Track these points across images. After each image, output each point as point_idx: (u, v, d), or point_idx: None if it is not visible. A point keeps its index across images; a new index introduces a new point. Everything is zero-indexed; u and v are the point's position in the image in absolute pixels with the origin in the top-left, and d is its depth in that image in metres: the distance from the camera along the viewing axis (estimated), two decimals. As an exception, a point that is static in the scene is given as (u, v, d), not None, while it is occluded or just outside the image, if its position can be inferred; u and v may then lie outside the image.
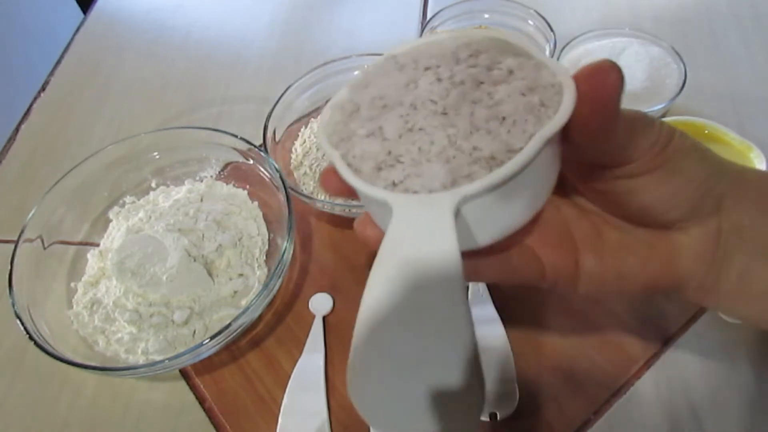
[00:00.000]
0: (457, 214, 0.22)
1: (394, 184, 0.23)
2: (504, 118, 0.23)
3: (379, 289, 0.21)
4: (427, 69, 0.25)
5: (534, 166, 0.22)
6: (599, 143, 0.23)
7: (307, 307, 0.45)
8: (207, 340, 0.38)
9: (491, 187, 0.21)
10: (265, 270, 0.46)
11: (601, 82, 0.21)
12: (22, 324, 0.40)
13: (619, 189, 0.25)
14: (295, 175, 0.50)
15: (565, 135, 0.23)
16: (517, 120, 0.22)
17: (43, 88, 0.65)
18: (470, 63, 0.25)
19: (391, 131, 0.24)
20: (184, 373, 0.43)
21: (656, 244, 0.26)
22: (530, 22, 0.58)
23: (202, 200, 0.49)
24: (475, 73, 0.24)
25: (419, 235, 0.21)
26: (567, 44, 0.55)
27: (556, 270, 0.27)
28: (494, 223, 0.24)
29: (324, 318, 0.44)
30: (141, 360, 0.41)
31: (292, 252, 0.43)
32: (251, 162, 0.49)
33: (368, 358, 0.21)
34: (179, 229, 0.45)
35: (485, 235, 0.24)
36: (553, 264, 0.27)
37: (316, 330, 0.43)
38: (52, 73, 0.66)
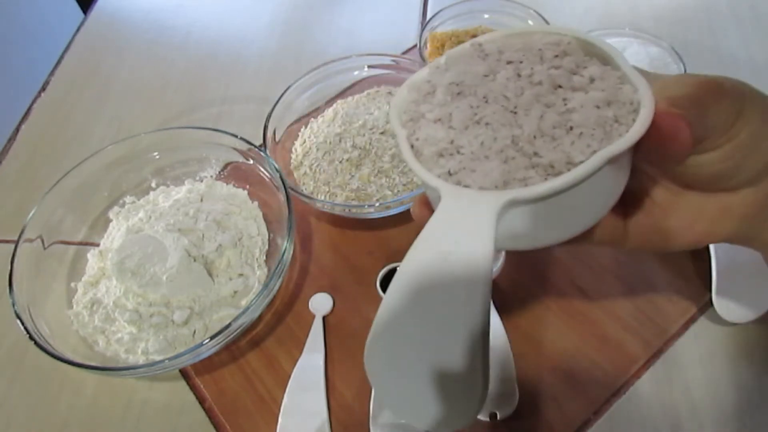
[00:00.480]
0: (502, 215, 0.22)
1: (449, 174, 0.23)
2: (572, 128, 0.22)
3: (409, 271, 0.22)
4: (509, 63, 0.25)
5: (591, 183, 0.21)
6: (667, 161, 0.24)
7: (307, 307, 0.45)
8: (207, 340, 0.38)
9: (539, 197, 0.21)
10: (265, 270, 0.46)
11: (674, 132, 0.21)
12: (23, 324, 0.40)
13: (682, 167, 0.24)
14: (295, 175, 0.50)
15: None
16: (584, 132, 0.22)
17: (43, 88, 0.65)
18: (554, 64, 0.24)
19: (458, 120, 0.24)
20: (184, 373, 0.43)
21: (705, 204, 0.26)
22: (530, 22, 0.58)
23: (202, 200, 0.49)
24: (555, 75, 0.24)
25: (459, 229, 0.21)
26: (567, 44, 0.55)
27: (604, 228, 0.27)
28: (538, 231, 0.23)
29: (324, 318, 0.44)
30: (141, 360, 0.41)
31: (292, 252, 0.43)
32: (251, 162, 0.49)
33: (387, 331, 0.22)
34: (179, 229, 0.45)
35: (527, 240, 0.24)
36: (602, 222, 0.26)
37: (316, 330, 0.43)
38: (52, 73, 0.66)
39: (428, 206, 0.26)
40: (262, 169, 0.48)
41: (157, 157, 0.51)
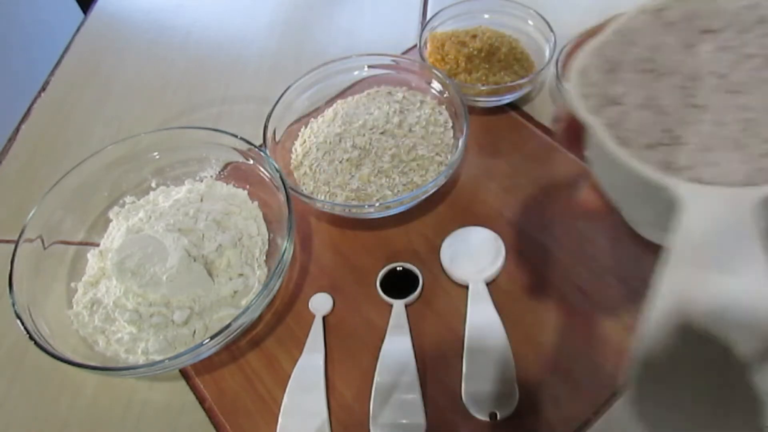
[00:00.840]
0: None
1: (667, 165, 0.20)
2: None
3: (667, 303, 0.18)
4: (704, 32, 0.21)
5: None
6: None
7: (307, 307, 0.45)
8: (207, 340, 0.38)
9: None
10: (265, 270, 0.46)
11: None
12: (23, 324, 0.40)
13: None
14: (295, 175, 0.50)
15: None
16: None
17: (43, 88, 0.65)
18: (761, 31, 0.21)
19: (669, 105, 0.20)
20: (184, 373, 0.43)
21: None
22: (530, 22, 0.58)
23: (202, 200, 0.49)
24: (767, 45, 0.21)
25: (721, 243, 0.18)
26: (567, 44, 0.55)
27: None
28: None
29: (324, 318, 0.44)
30: (141, 360, 0.41)
31: (292, 252, 0.43)
32: (251, 162, 0.49)
33: (647, 383, 0.18)
34: (179, 229, 0.45)
35: None
36: None
37: (316, 330, 0.43)
38: (52, 73, 0.66)
39: (600, 194, 0.23)
40: (262, 169, 0.48)
41: (157, 157, 0.51)
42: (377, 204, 0.44)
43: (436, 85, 0.52)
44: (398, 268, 0.45)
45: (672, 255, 0.18)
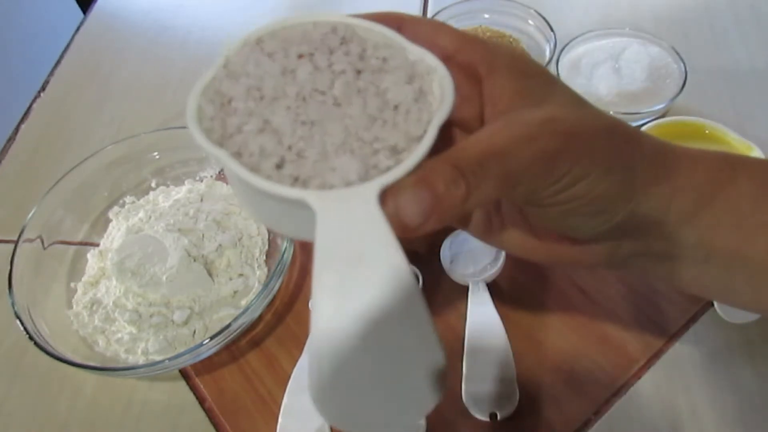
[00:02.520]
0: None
1: (297, 180, 0.21)
2: (396, 107, 0.23)
3: (326, 308, 0.20)
4: (300, 57, 0.24)
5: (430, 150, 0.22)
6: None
7: (307, 307, 0.45)
8: (207, 340, 0.38)
9: (406, 175, 0.21)
10: (265, 270, 0.46)
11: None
12: (22, 324, 0.40)
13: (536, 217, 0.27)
14: (295, 175, 0.50)
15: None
16: (410, 109, 0.23)
17: (43, 88, 0.65)
18: (343, 51, 0.24)
19: (283, 125, 0.22)
20: (184, 373, 0.43)
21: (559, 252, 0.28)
22: (530, 22, 0.58)
23: (202, 200, 0.49)
24: (352, 61, 0.24)
25: (358, 237, 0.20)
26: (567, 44, 0.55)
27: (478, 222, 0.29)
28: None
29: (324, 318, 0.44)
30: (141, 360, 0.41)
31: (292, 252, 0.43)
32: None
33: (332, 378, 0.20)
34: (179, 229, 0.45)
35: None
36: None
37: (316, 330, 0.43)
38: (52, 73, 0.66)
39: None
40: (262, 169, 0.48)
41: (157, 157, 0.51)
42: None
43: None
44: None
45: (317, 259, 0.20)
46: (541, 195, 0.24)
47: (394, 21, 0.26)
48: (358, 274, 0.20)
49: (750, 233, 0.25)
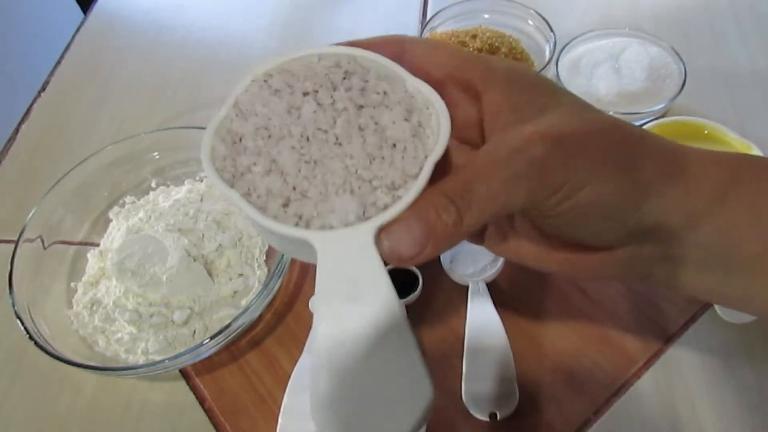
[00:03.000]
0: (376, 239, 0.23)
1: (300, 219, 0.23)
2: (395, 145, 0.24)
3: (328, 338, 0.22)
4: (305, 94, 0.25)
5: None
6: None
7: (307, 307, 0.45)
8: (207, 340, 0.38)
9: (402, 213, 0.23)
10: (265, 270, 0.46)
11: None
12: (22, 324, 0.40)
13: (549, 228, 0.26)
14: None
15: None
16: (407, 146, 0.24)
17: (43, 88, 0.65)
18: (345, 86, 0.25)
19: (288, 165, 0.24)
20: (184, 373, 0.43)
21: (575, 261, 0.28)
22: (530, 22, 0.58)
23: (202, 200, 0.49)
24: (353, 97, 0.25)
25: (354, 275, 0.22)
26: (567, 44, 0.55)
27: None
28: None
29: (324, 318, 0.44)
30: (141, 360, 0.41)
31: (292, 252, 0.43)
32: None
33: (329, 394, 0.22)
34: (179, 229, 0.45)
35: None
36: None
37: (316, 330, 0.43)
38: (52, 73, 0.66)
39: None
40: (262, 169, 0.48)
41: (157, 157, 0.51)
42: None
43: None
44: (398, 269, 0.45)
45: (318, 291, 0.22)
46: (545, 206, 0.23)
47: (396, 44, 0.27)
48: (352, 309, 0.22)
49: None
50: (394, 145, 0.24)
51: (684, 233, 0.25)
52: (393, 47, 0.26)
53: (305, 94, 0.25)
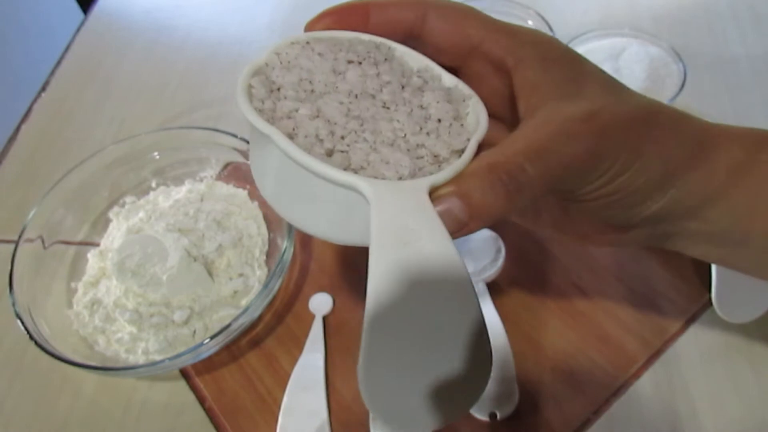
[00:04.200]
0: None
1: (349, 167, 0.22)
2: (440, 120, 0.24)
3: (383, 284, 0.20)
4: (350, 62, 0.24)
5: None
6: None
7: (307, 307, 0.45)
8: (207, 340, 0.39)
9: (453, 178, 0.22)
10: (265, 270, 0.46)
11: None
12: (23, 324, 0.40)
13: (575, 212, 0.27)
14: (295, 175, 0.50)
15: None
16: (452, 124, 0.24)
17: (43, 88, 0.65)
18: (387, 66, 0.25)
19: (335, 115, 0.22)
20: (184, 373, 0.43)
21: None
22: (530, 22, 0.58)
23: (202, 200, 0.49)
24: (396, 76, 0.25)
25: (411, 223, 0.21)
26: (567, 44, 0.55)
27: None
28: None
29: (324, 318, 0.44)
30: (141, 360, 0.41)
31: (292, 252, 0.43)
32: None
33: (379, 355, 0.20)
34: (179, 229, 0.45)
35: None
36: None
37: (316, 330, 0.43)
38: (52, 73, 0.66)
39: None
40: (262, 169, 0.48)
41: (157, 157, 0.51)
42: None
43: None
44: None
45: (374, 243, 0.21)
46: (583, 191, 0.24)
47: (418, 7, 0.25)
48: (411, 256, 0.20)
49: None
50: (440, 121, 0.24)
51: (700, 212, 0.25)
52: (415, 9, 0.25)
53: (350, 62, 0.24)
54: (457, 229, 0.22)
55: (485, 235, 0.45)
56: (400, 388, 0.20)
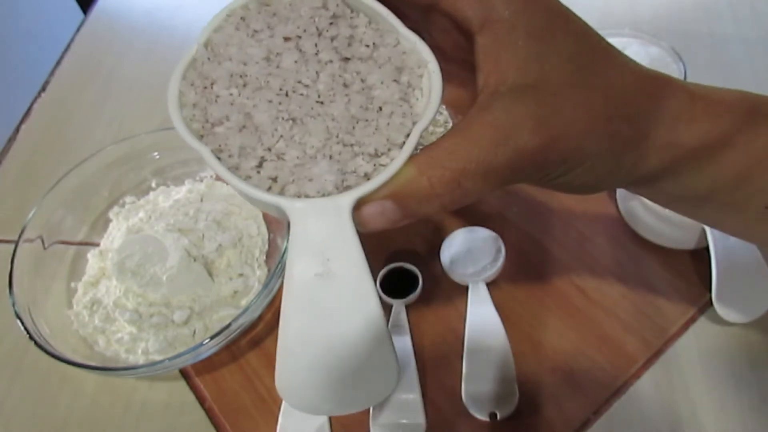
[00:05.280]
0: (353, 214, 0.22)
1: (275, 182, 0.21)
2: (381, 108, 0.22)
3: (293, 303, 0.21)
4: (287, 40, 0.23)
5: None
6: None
7: (307, 307, 0.44)
8: (207, 340, 0.38)
9: (382, 186, 0.21)
10: (265, 270, 0.46)
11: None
12: (23, 324, 0.40)
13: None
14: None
15: None
16: (394, 111, 0.22)
17: (43, 88, 0.65)
18: (332, 33, 0.23)
19: (264, 122, 0.22)
20: (184, 373, 0.43)
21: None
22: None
23: (202, 200, 0.49)
24: (339, 47, 0.23)
25: (324, 244, 0.21)
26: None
27: None
28: None
29: (324, 318, 0.44)
30: (141, 360, 0.41)
31: (292, 252, 0.43)
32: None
33: (289, 366, 0.22)
34: (179, 229, 0.45)
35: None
36: None
37: (316, 330, 0.43)
38: (52, 73, 0.66)
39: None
40: (262, 169, 0.48)
41: (157, 157, 0.51)
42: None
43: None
44: (398, 269, 0.45)
45: (288, 263, 0.21)
46: (538, 182, 0.23)
47: None
48: (320, 279, 0.21)
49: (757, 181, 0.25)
50: (381, 108, 0.22)
51: (679, 177, 0.25)
52: None
53: (286, 39, 0.23)
54: (392, 225, 0.22)
55: (485, 235, 0.45)
56: (308, 388, 0.22)
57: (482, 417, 0.38)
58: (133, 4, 0.74)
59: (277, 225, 0.48)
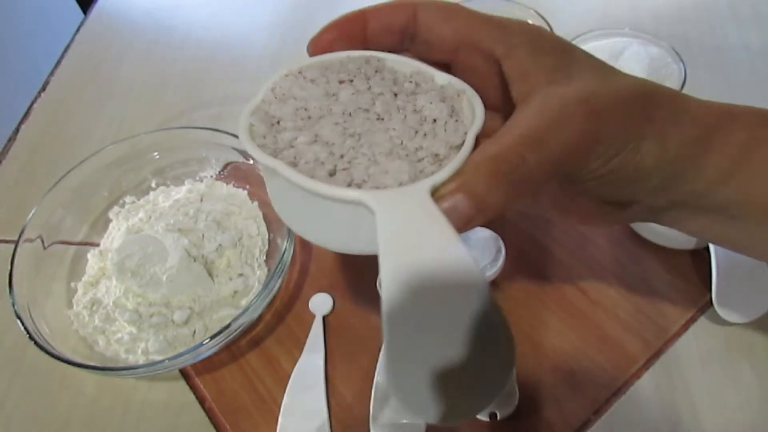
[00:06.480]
0: None
1: (351, 184, 0.22)
2: (435, 120, 0.24)
3: (395, 290, 0.20)
4: (341, 82, 0.26)
5: None
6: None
7: (307, 307, 0.45)
8: (207, 340, 0.39)
9: (454, 174, 0.22)
10: (265, 270, 0.46)
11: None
12: (23, 324, 0.40)
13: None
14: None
15: None
16: (447, 122, 0.24)
17: (43, 88, 0.65)
18: (379, 77, 0.26)
19: (333, 137, 0.24)
20: (184, 373, 0.43)
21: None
22: (530, 21, 0.58)
23: (202, 200, 0.49)
24: (388, 85, 0.26)
25: (414, 226, 0.21)
26: (567, 44, 0.55)
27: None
28: None
29: (324, 318, 0.44)
30: (141, 360, 0.41)
31: (292, 252, 0.43)
32: (251, 162, 0.49)
33: (399, 355, 0.20)
34: (179, 229, 0.45)
35: None
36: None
37: (316, 330, 0.43)
38: (52, 73, 0.66)
39: None
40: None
41: (157, 157, 0.51)
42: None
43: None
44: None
45: (382, 251, 0.21)
46: (583, 172, 0.24)
47: (408, 8, 0.26)
48: (419, 259, 0.21)
49: None
50: (435, 121, 0.25)
51: (706, 189, 0.26)
52: (405, 11, 0.26)
53: (341, 82, 0.26)
54: (464, 223, 0.22)
55: (485, 235, 0.45)
56: (420, 379, 0.20)
57: (482, 417, 0.38)
58: (133, 4, 0.74)
59: (277, 225, 0.48)
